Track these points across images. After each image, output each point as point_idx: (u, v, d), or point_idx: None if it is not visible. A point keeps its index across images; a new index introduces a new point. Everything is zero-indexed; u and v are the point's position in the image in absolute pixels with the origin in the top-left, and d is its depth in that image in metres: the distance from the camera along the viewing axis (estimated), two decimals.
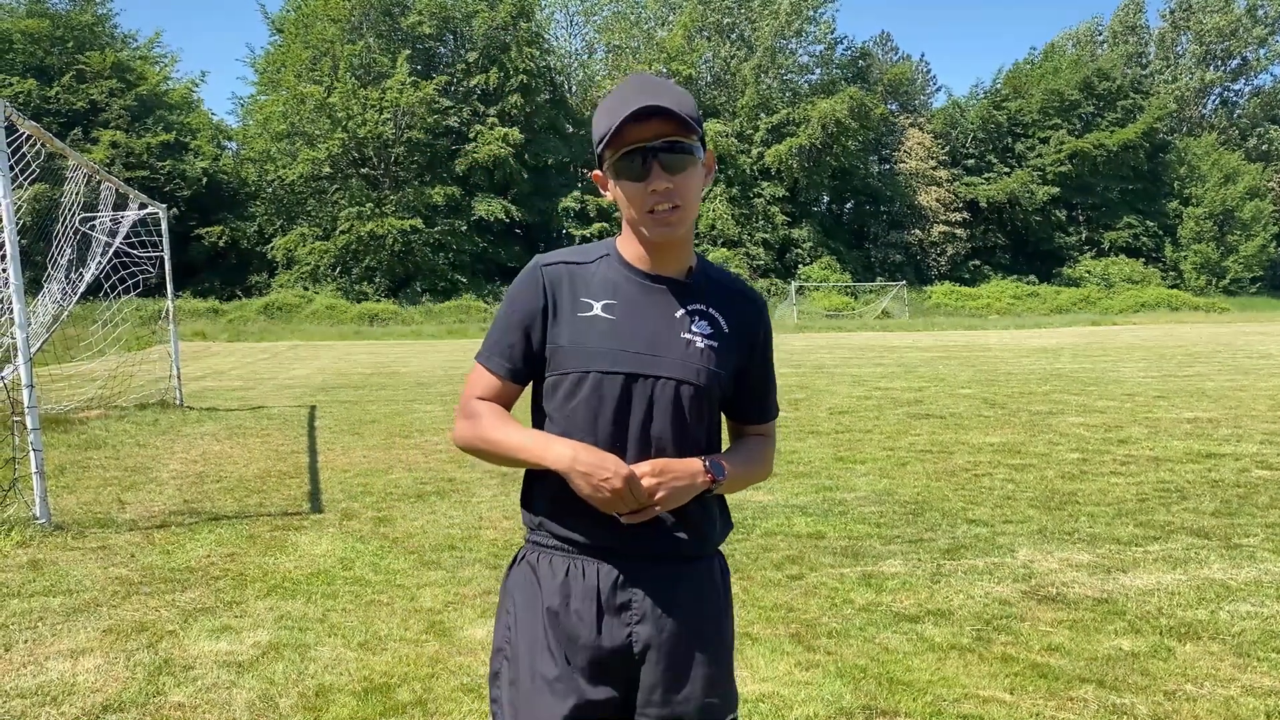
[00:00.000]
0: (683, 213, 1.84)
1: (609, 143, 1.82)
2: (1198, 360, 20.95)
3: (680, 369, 1.88)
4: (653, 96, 1.79)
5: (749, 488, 2.42)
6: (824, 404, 13.54)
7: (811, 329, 42.37)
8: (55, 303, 11.25)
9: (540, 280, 1.93)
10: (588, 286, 1.92)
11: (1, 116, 6.83)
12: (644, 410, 1.87)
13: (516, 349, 1.93)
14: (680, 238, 1.89)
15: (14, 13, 45.46)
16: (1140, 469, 8.48)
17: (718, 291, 1.98)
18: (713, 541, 2.00)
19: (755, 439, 2.11)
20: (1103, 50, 70.54)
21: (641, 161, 1.80)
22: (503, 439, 1.89)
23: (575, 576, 1.90)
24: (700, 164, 1.87)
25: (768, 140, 53.90)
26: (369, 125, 46.00)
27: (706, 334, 1.92)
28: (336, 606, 4.93)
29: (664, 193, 1.81)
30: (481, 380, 1.97)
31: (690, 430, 1.90)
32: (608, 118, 1.82)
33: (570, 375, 1.88)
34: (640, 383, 1.87)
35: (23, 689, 3.93)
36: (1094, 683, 3.92)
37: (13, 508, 6.73)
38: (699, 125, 1.84)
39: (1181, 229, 61.41)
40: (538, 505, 1.95)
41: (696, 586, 1.95)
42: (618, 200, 1.89)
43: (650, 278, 1.93)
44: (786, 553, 5.88)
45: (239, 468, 8.92)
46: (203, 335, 34.88)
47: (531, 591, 1.93)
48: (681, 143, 1.82)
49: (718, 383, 1.92)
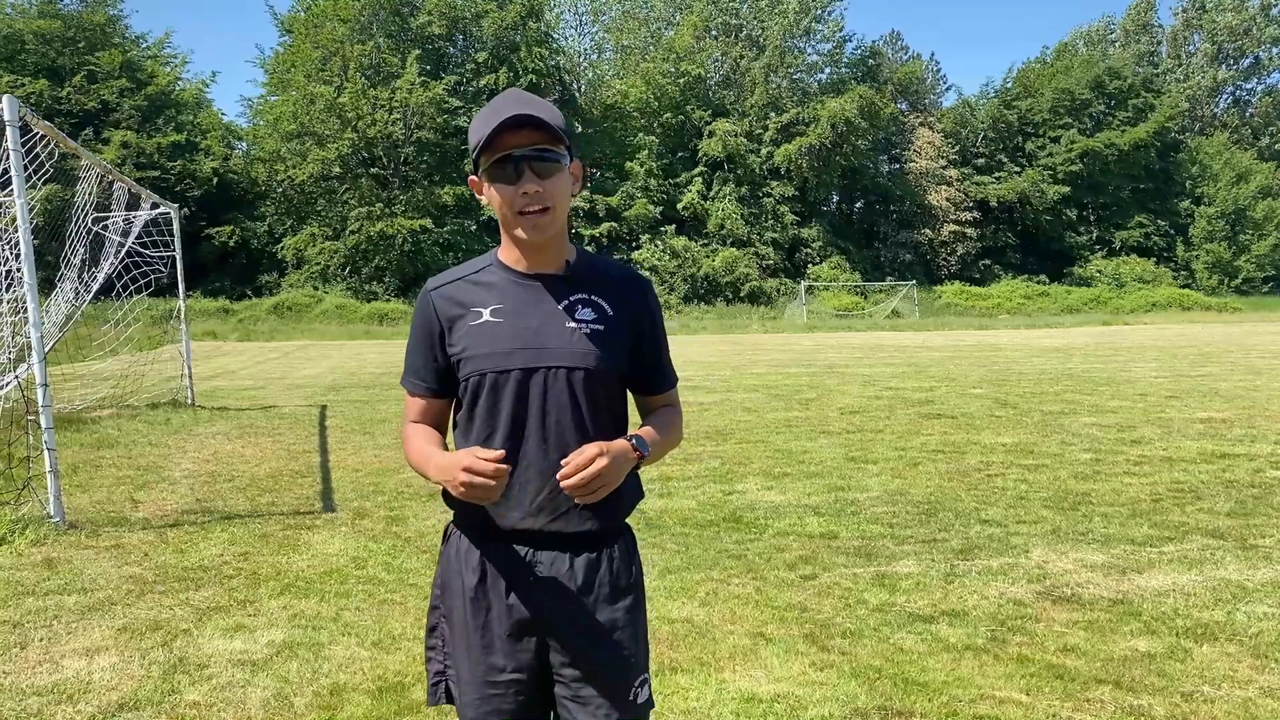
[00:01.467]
0: (552, 214, 1.98)
1: (484, 149, 1.96)
2: (1210, 360, 20.86)
3: (569, 356, 2.00)
4: (525, 108, 1.94)
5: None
6: (835, 404, 13.51)
7: (821, 329, 42.29)
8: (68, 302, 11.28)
9: (430, 304, 2.10)
10: (475, 295, 2.07)
11: (15, 116, 6.85)
12: (540, 401, 2.00)
13: (426, 369, 2.11)
14: (551, 237, 2.02)
15: (26, 13, 45.59)
16: (1154, 469, 8.44)
17: (598, 278, 2.09)
18: (620, 514, 2.12)
19: (664, 409, 2.23)
20: (1114, 49, 70.25)
21: (514, 167, 1.95)
22: (414, 462, 2.08)
23: (486, 556, 2.06)
24: (567, 171, 2.02)
25: (777, 140, 53.76)
26: (379, 125, 46.03)
27: (590, 320, 2.04)
28: (350, 605, 4.93)
29: (533, 195, 1.95)
30: (410, 403, 2.16)
31: (588, 415, 2.02)
32: (483, 126, 1.95)
33: (472, 379, 2.03)
34: (535, 376, 2.00)
35: (39, 687, 3.94)
36: (1111, 684, 3.90)
37: (27, 506, 6.75)
38: (567, 136, 1.99)
39: (1193, 228, 61.10)
40: (450, 497, 2.06)
41: (600, 561, 2.07)
42: (492, 203, 2.02)
43: (530, 277, 2.06)
44: (799, 553, 5.86)
45: (251, 467, 8.94)
46: (213, 335, 34.95)
47: (455, 566, 2.11)
48: (550, 150, 1.97)
49: (609, 364, 2.04)
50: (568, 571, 2.04)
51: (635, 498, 2.17)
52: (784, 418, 12.02)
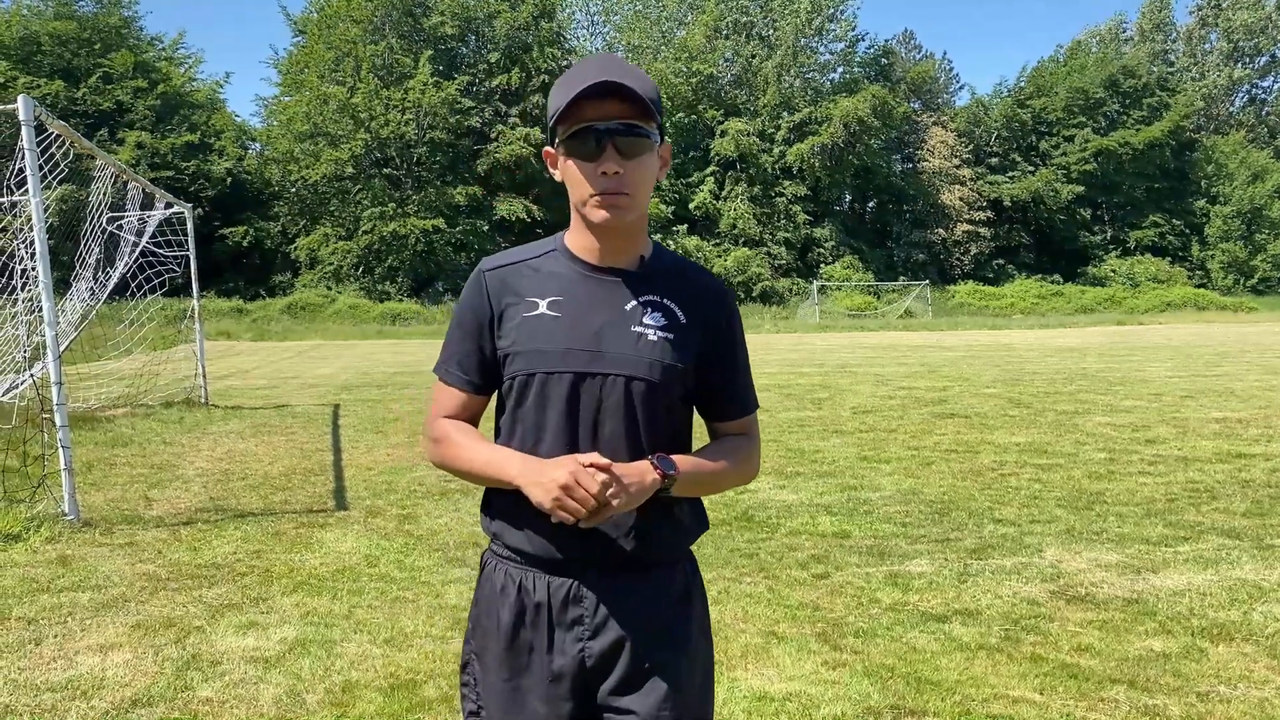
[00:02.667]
0: (631, 199, 1.75)
1: (562, 117, 1.73)
2: (1226, 360, 20.73)
3: (630, 364, 1.78)
4: (615, 75, 1.70)
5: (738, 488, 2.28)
6: (847, 403, 13.48)
7: (834, 329, 42.21)
8: (83, 301, 11.33)
9: (483, 286, 1.87)
10: (533, 284, 1.84)
11: (30, 116, 6.89)
12: (593, 411, 1.78)
13: (470, 359, 1.88)
14: (628, 225, 1.79)
15: (41, 15, 45.90)
16: (1169, 469, 8.39)
17: (673, 280, 1.86)
18: (675, 546, 1.88)
19: (729, 438, 1.96)
20: (1128, 48, 69.90)
21: (595, 141, 1.72)
22: (468, 461, 1.83)
23: (526, 591, 1.83)
24: (655, 153, 1.78)
25: (789, 139, 53.67)
26: (391, 125, 46.15)
27: (661, 325, 1.81)
28: (362, 603, 4.94)
29: (614, 177, 1.73)
30: (444, 395, 1.92)
31: (645, 430, 1.79)
32: (564, 91, 1.72)
33: (519, 378, 1.81)
34: (588, 381, 1.78)
35: (53, 683, 3.96)
36: (1125, 683, 3.88)
37: (42, 504, 6.79)
38: (659, 112, 1.76)
39: (1208, 228, 60.72)
40: (493, 514, 1.89)
41: (654, 595, 1.84)
42: (566, 180, 1.79)
43: (599, 270, 1.83)
44: (812, 552, 5.85)
45: (264, 465, 8.97)
46: (227, 334, 35.09)
47: (491, 602, 1.88)
48: (639, 126, 1.73)
49: (675, 377, 1.81)
50: (615, 605, 1.81)
51: (696, 531, 1.92)
52: (796, 417, 11.99)
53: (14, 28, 44.16)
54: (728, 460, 1.90)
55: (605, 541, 1.79)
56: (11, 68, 42.69)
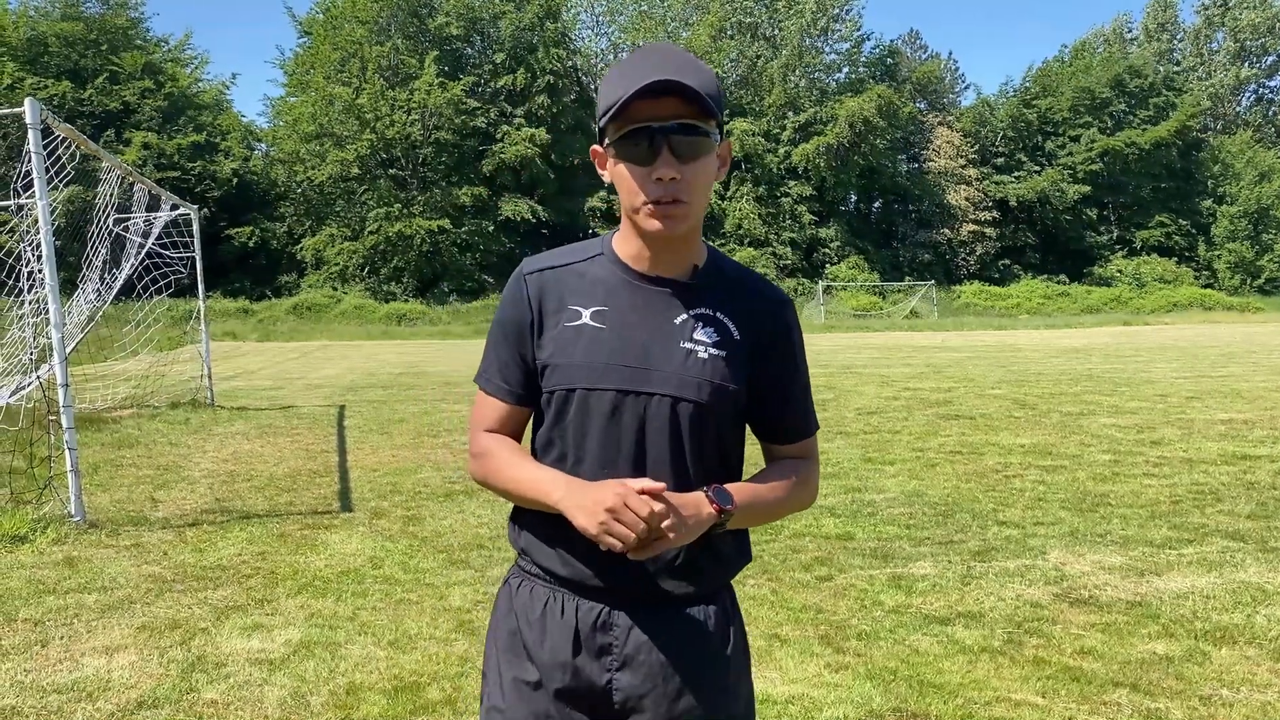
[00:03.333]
0: (688, 208, 1.61)
1: (615, 116, 1.58)
2: (1232, 361, 20.69)
3: (677, 384, 1.65)
4: (673, 71, 1.55)
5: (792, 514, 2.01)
6: (852, 404, 13.48)
7: (839, 329, 42.20)
8: (89, 303, 11.38)
9: (524, 290, 1.73)
10: (577, 291, 1.71)
11: (37, 119, 6.92)
12: (635, 432, 1.65)
13: (511, 368, 1.74)
14: (683, 235, 1.66)
15: (49, 16, 46.06)
16: (1173, 471, 8.38)
17: (729, 292, 1.74)
18: (717, 580, 1.77)
19: (786, 462, 1.82)
20: (1134, 48, 69.75)
21: (649, 143, 1.57)
22: (510, 480, 1.71)
23: (553, 611, 1.71)
24: (715, 154, 1.64)
25: (795, 139, 53.70)
26: (397, 126, 46.25)
27: (712, 342, 1.68)
28: (366, 605, 4.96)
29: (670, 183, 1.58)
30: (485, 407, 1.79)
31: (691, 456, 1.67)
32: (618, 88, 1.57)
33: (558, 393, 1.68)
34: (631, 400, 1.65)
35: (59, 684, 3.98)
36: (1128, 687, 3.88)
37: (48, 505, 6.82)
38: (720, 109, 1.61)
39: (1215, 228, 60.59)
40: (522, 528, 1.78)
41: (691, 629, 1.72)
42: (616, 183, 1.66)
43: (648, 279, 1.70)
44: (815, 554, 5.86)
45: (269, 466, 9.00)
46: (233, 335, 35.19)
47: (511, 622, 1.77)
48: (698, 127, 1.59)
49: (727, 398, 1.68)
50: (648, 639, 1.68)
51: (739, 563, 1.81)
52: None
53: (21, 29, 44.33)
54: (786, 488, 1.77)
55: (640, 571, 1.67)
56: (19, 69, 42.86)
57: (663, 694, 1.68)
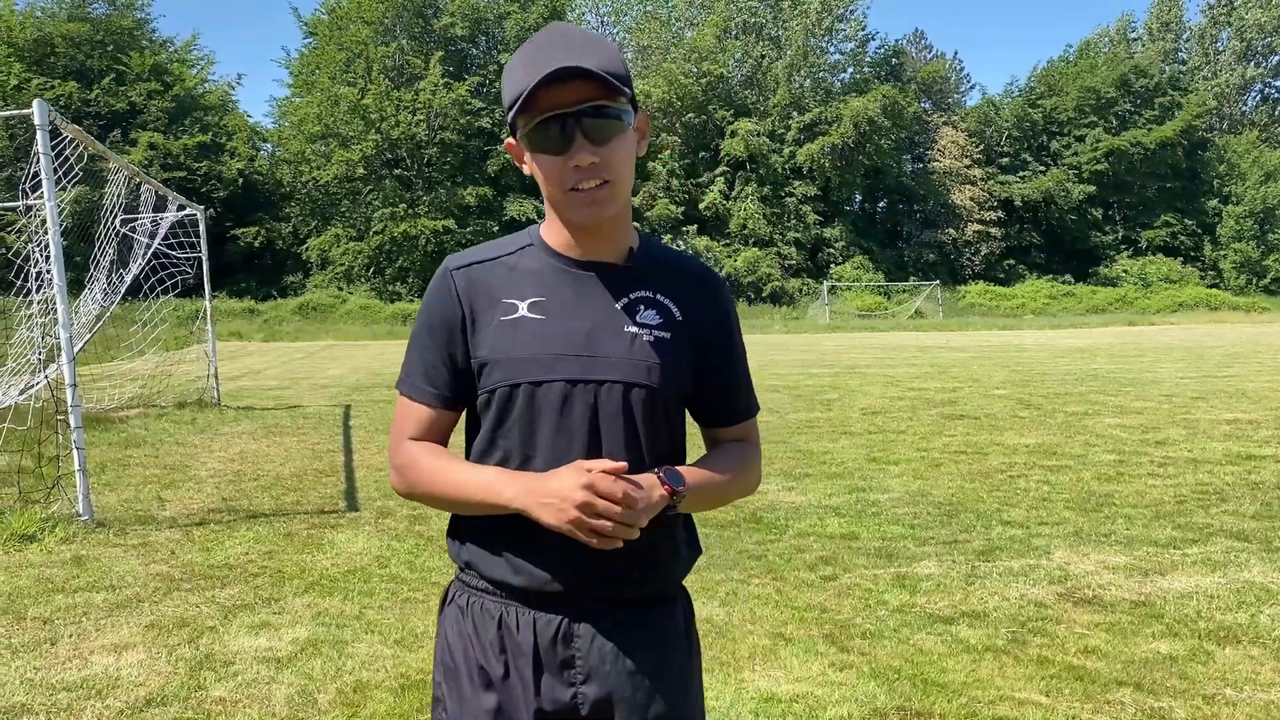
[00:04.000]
0: (613, 189, 1.56)
1: (521, 108, 1.52)
2: (1237, 361, 20.66)
3: (627, 369, 1.60)
4: (574, 55, 1.49)
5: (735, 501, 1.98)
6: (857, 404, 13.49)
7: (844, 329, 42.20)
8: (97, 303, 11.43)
9: (451, 286, 1.65)
10: (509, 283, 1.65)
11: (45, 120, 6.95)
12: (588, 422, 1.59)
13: (439, 370, 1.66)
14: (612, 218, 1.60)
15: (55, 17, 46.20)
16: (1178, 471, 8.38)
17: (665, 274, 1.69)
18: (675, 576, 1.72)
19: (730, 445, 1.79)
20: (1138, 47, 69.63)
21: (561, 130, 1.52)
22: (447, 486, 1.61)
23: (509, 628, 1.62)
24: (631, 130, 1.58)
25: (799, 139, 53.68)
26: (402, 127, 46.32)
27: (657, 324, 1.64)
28: (373, 604, 4.98)
29: (589, 168, 1.53)
30: (409, 414, 1.69)
31: (646, 441, 1.62)
32: (520, 79, 1.51)
33: (499, 389, 1.61)
34: (581, 389, 1.59)
35: (68, 682, 4.01)
36: (1131, 686, 3.89)
37: (56, 505, 6.86)
38: (628, 85, 1.55)
39: (1221, 228, 60.48)
40: (465, 540, 1.67)
41: (655, 635, 1.67)
42: (535, 176, 1.60)
43: (583, 265, 1.64)
44: (819, 553, 5.87)
45: (276, 466, 9.03)
46: (239, 335, 35.27)
47: (464, 642, 1.66)
48: (608, 107, 1.53)
49: (674, 381, 1.64)
50: (613, 646, 1.62)
51: (692, 556, 1.75)
52: (805, 418, 12.01)
53: (28, 29, 44.45)
54: (732, 471, 1.73)
55: (599, 571, 1.59)
56: (26, 69, 43.00)
57: (631, 703, 1.63)
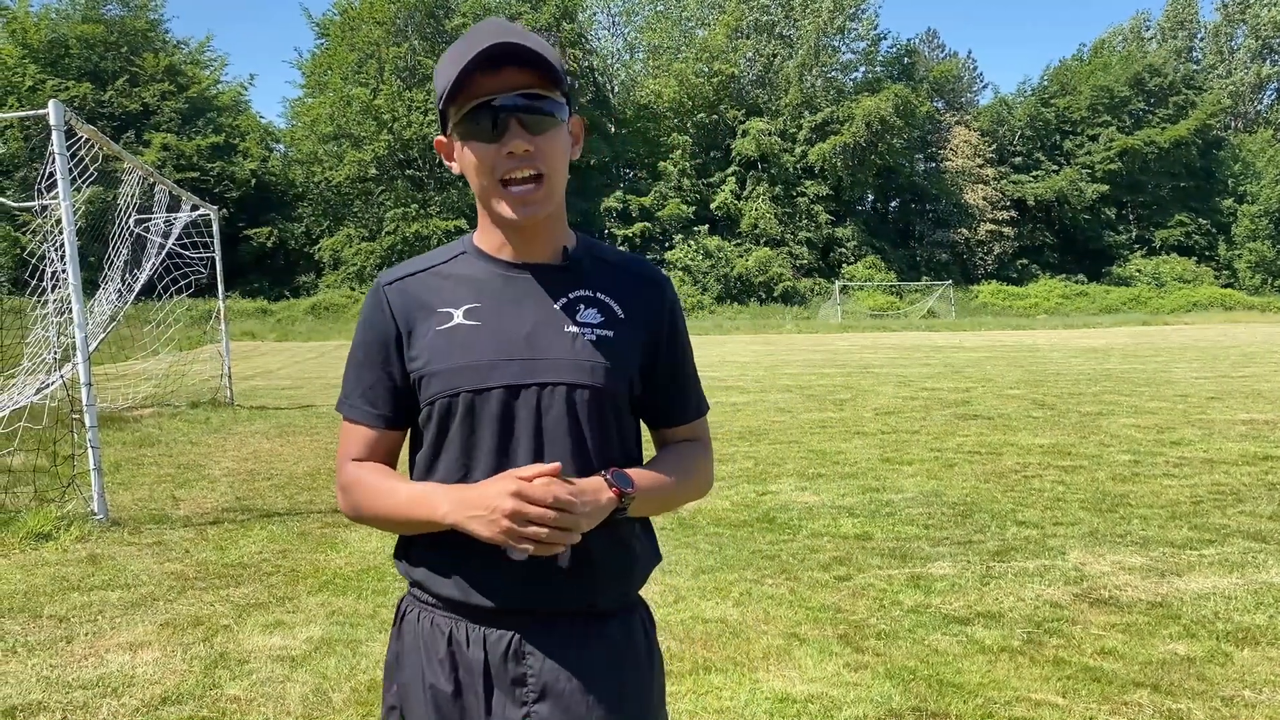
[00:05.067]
0: (547, 184, 1.51)
1: (452, 96, 1.47)
2: (1253, 361, 20.54)
3: (570, 370, 1.54)
4: (508, 35, 1.45)
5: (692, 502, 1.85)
6: (869, 404, 13.45)
7: (856, 329, 42.11)
8: (111, 303, 11.48)
9: (383, 302, 1.60)
10: (443, 292, 1.58)
11: (61, 121, 6.98)
12: (532, 428, 1.52)
13: (378, 389, 1.60)
14: (545, 217, 1.55)
15: (70, 18, 46.46)
16: (1194, 471, 8.33)
17: (606, 272, 1.63)
18: (633, 585, 1.65)
19: (681, 445, 1.72)
20: (1153, 46, 69.29)
21: (494, 118, 1.46)
22: (385, 508, 1.55)
23: (459, 645, 1.56)
24: (565, 128, 1.54)
25: (811, 139, 53.59)
26: (414, 127, 46.41)
27: (598, 323, 1.58)
28: (387, 603, 4.99)
29: (523, 156, 1.47)
30: (351, 436, 1.63)
31: (593, 446, 1.55)
32: (451, 65, 1.46)
33: (439, 401, 1.54)
34: (523, 394, 1.52)
35: (84, 680, 4.02)
36: (1149, 687, 3.87)
37: (72, 503, 6.88)
38: (564, 80, 1.51)
39: (1236, 227, 60.13)
40: (414, 560, 1.61)
41: (611, 648, 1.59)
42: (465, 171, 1.54)
43: (518, 267, 1.59)
44: (833, 554, 5.85)
45: (289, 465, 9.05)
46: (252, 335, 35.39)
47: (414, 656, 1.61)
48: (544, 98, 1.48)
49: (621, 380, 1.58)
50: (567, 662, 1.55)
51: (650, 563, 1.68)
52: (818, 418, 11.98)
53: (43, 31, 44.71)
54: (683, 471, 1.67)
55: (550, 583, 1.53)
56: (40, 70, 43.24)
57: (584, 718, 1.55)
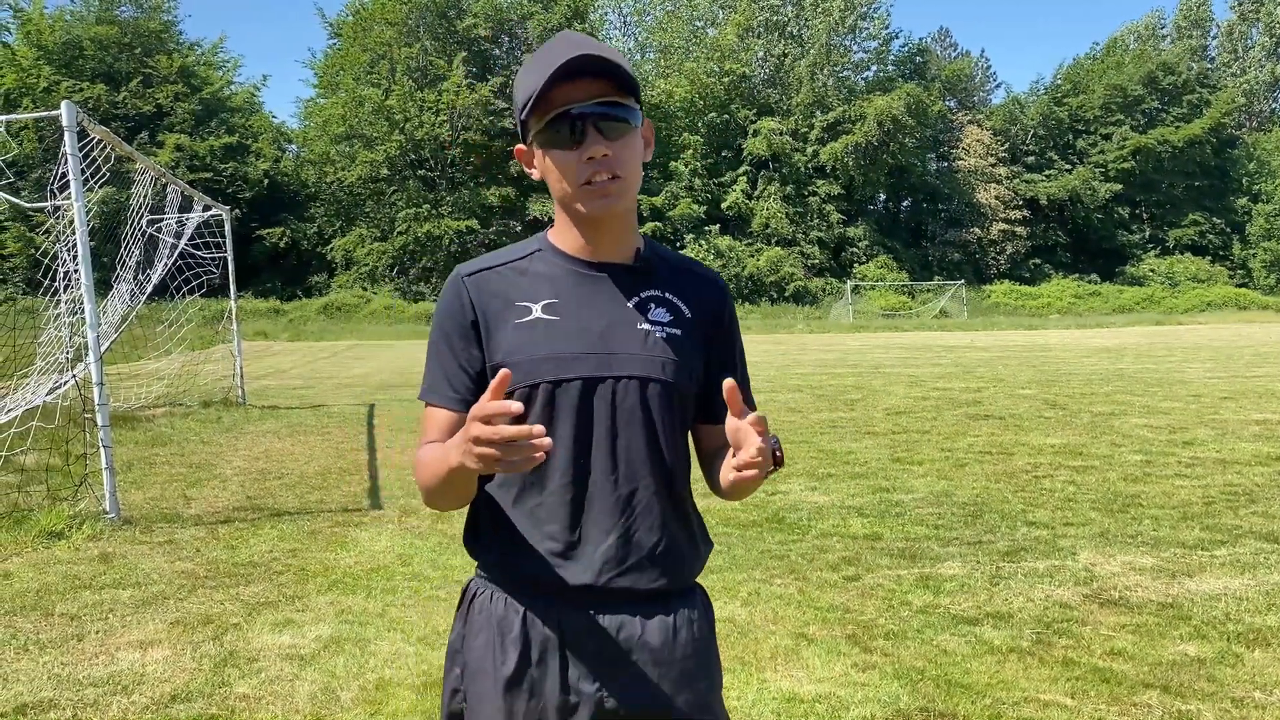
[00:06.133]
0: (624, 183, 1.60)
1: (535, 107, 1.57)
2: (1267, 360, 20.42)
3: (643, 365, 1.64)
4: (587, 48, 1.55)
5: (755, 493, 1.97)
6: (880, 404, 13.42)
7: (867, 329, 42.01)
8: (124, 303, 11.53)
9: (464, 294, 1.68)
10: (521, 287, 1.68)
11: (73, 122, 7.02)
12: (608, 418, 1.62)
13: (458, 376, 1.68)
14: (621, 213, 1.65)
15: (84, 20, 46.69)
16: (1206, 471, 8.29)
17: (673, 274, 1.74)
18: (694, 569, 1.74)
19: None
20: (1166, 44, 68.91)
21: (574, 126, 1.56)
22: (428, 476, 1.59)
23: (533, 624, 1.64)
24: (639, 133, 1.63)
25: (823, 138, 53.47)
26: (426, 127, 46.50)
27: (668, 321, 1.68)
28: (396, 602, 5.00)
29: (602, 160, 1.57)
30: (432, 420, 1.69)
31: (663, 435, 1.65)
32: (534, 77, 1.55)
33: (518, 390, 1.61)
34: (600, 387, 1.62)
35: (95, 678, 4.05)
36: (1158, 688, 3.85)
37: (84, 502, 6.92)
38: (637, 88, 1.61)
39: (1250, 226, 59.73)
40: (486, 540, 1.70)
41: (678, 626, 1.68)
42: (546, 177, 1.65)
43: (594, 266, 1.68)
44: (843, 554, 5.84)
45: (300, 465, 9.08)
46: (264, 335, 35.50)
47: (486, 637, 1.67)
48: (620, 104, 1.58)
49: (687, 376, 1.68)
50: (639, 639, 1.64)
51: (708, 548, 1.79)
52: (829, 418, 11.96)
53: (57, 33, 44.94)
54: None
55: (623, 564, 1.63)
56: (55, 72, 43.45)
57: (657, 696, 1.64)
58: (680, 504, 1.69)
